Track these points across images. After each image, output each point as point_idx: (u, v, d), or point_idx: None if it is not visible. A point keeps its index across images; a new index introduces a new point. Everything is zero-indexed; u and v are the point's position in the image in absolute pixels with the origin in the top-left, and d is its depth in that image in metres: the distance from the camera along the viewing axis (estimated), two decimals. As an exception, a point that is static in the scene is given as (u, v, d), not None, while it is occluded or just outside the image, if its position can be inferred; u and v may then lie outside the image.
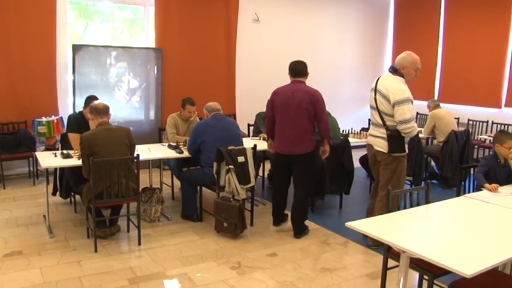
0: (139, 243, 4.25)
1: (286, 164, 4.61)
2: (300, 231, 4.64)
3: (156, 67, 7.31)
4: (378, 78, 4.23)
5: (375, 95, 4.14)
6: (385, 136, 4.08)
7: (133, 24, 7.84)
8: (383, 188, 4.14)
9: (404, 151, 4.14)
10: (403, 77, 4.09)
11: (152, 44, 7.49)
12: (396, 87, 3.99)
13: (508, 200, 3.42)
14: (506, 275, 3.06)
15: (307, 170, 4.58)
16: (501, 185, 3.76)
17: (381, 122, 4.13)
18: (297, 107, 4.42)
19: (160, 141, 6.36)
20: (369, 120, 4.56)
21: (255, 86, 8.24)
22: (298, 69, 4.69)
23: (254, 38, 8.34)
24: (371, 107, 4.28)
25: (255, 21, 8.32)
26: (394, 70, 4.13)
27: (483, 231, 2.79)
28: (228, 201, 4.46)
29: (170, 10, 7.34)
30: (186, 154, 4.92)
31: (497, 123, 8.09)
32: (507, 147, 3.88)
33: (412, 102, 3.98)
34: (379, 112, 4.10)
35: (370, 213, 4.33)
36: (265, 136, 5.82)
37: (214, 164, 4.55)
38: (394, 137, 4.03)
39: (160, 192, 5.04)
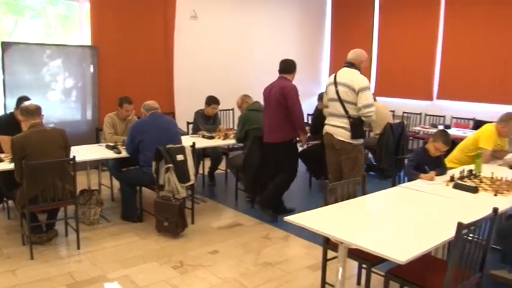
0: (78, 247, 4.15)
1: (268, 151, 5.07)
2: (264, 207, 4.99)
3: (92, 65, 7.12)
4: (335, 74, 4.66)
5: (336, 87, 4.54)
6: (347, 126, 4.51)
7: (67, 20, 7.59)
8: (349, 176, 4.37)
9: (364, 137, 4.72)
10: (359, 70, 4.60)
11: (88, 41, 7.28)
12: (358, 77, 4.51)
13: (439, 189, 3.62)
14: (438, 259, 3.23)
15: (283, 158, 5.02)
16: None
17: (343, 112, 4.52)
18: (272, 100, 4.92)
19: (97, 141, 6.20)
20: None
21: (193, 83, 8.21)
22: (281, 67, 5.12)
23: (192, 35, 8.27)
24: (331, 99, 4.64)
25: (193, 18, 8.26)
26: (351, 64, 4.63)
27: (417, 219, 2.92)
28: (168, 200, 4.43)
29: (105, 6, 7.16)
30: (124, 154, 4.84)
31: (429, 115, 8.48)
32: (436, 147, 4.10)
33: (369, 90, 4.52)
34: (342, 102, 4.50)
35: None
36: (204, 133, 5.87)
37: (153, 163, 4.51)
38: (356, 125, 4.49)
39: (99, 194, 4.94)
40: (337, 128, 4.58)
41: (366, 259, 2.95)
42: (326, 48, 10.64)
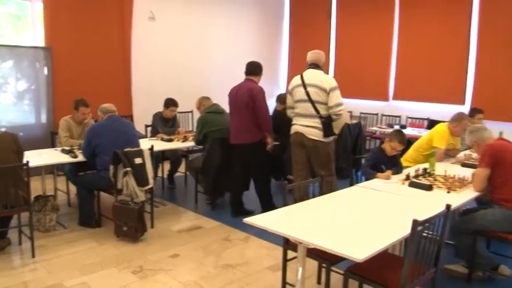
0: (33, 256, 4.01)
1: (238, 153, 5.14)
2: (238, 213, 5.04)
3: (45, 67, 6.94)
4: (301, 76, 4.78)
5: (305, 89, 4.68)
6: (319, 125, 4.68)
7: (18, 20, 7.35)
8: (325, 169, 4.73)
9: (335, 134, 4.84)
10: (322, 70, 4.84)
11: (41, 42, 7.07)
12: (327, 78, 4.75)
13: (395, 187, 3.71)
14: (395, 256, 3.30)
15: (253, 159, 5.09)
16: None
17: (314, 112, 4.68)
18: (239, 102, 4.97)
19: (53, 145, 6.01)
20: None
21: (152, 85, 8.12)
22: (248, 69, 5.19)
23: (150, 36, 8.18)
24: (301, 100, 4.76)
25: (150, 19, 8.16)
26: (316, 66, 4.82)
27: (374, 217, 2.99)
28: (127, 204, 4.37)
29: (59, 6, 6.98)
30: (81, 158, 4.73)
31: (386, 115, 8.68)
32: (392, 146, 4.20)
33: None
34: (313, 103, 4.65)
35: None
36: (163, 136, 5.81)
37: (111, 167, 4.43)
38: (327, 123, 4.68)
39: (54, 200, 4.81)
40: (309, 128, 4.72)
41: (325, 258, 2.98)
42: (284, 50, 10.73)
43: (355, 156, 5.71)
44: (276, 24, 10.55)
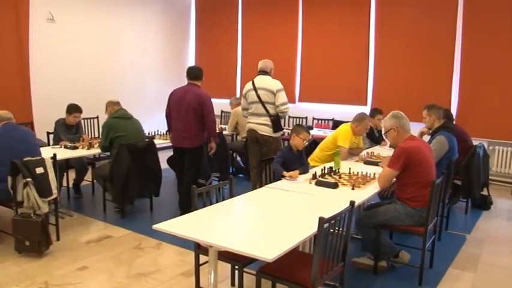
0: None
1: (180, 155, 5.40)
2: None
3: None
4: (253, 81, 5.49)
5: (256, 92, 5.39)
6: (269, 122, 5.37)
7: None
8: None
9: (283, 129, 5.64)
10: (270, 76, 5.55)
11: None
12: (273, 82, 5.43)
13: (303, 187, 3.82)
14: (305, 253, 3.40)
15: (195, 161, 5.32)
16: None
17: (264, 111, 5.37)
18: (187, 107, 5.15)
19: None
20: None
21: (54, 90, 7.71)
22: (192, 73, 5.33)
23: (50, 39, 7.75)
24: (253, 102, 5.45)
25: (49, 21, 7.74)
26: (265, 72, 5.54)
27: (283, 217, 3.05)
28: (29, 217, 4.10)
29: None
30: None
31: (293, 117, 8.90)
32: (302, 138, 4.34)
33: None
34: (263, 104, 5.35)
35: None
36: (67, 144, 5.55)
37: (9, 178, 4.14)
38: (276, 121, 5.40)
39: None
40: (260, 125, 5.42)
41: (237, 260, 3.01)
42: (191, 51, 10.70)
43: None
44: (182, 25, 10.49)
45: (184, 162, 5.36)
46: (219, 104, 7.96)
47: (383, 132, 4.26)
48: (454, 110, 7.42)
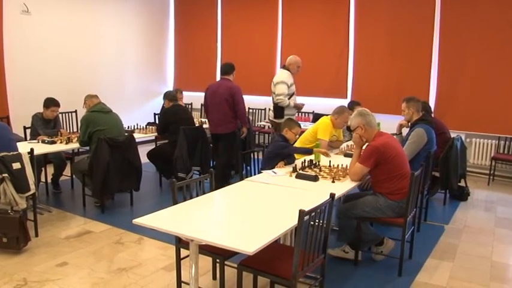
0: None
1: (216, 141, 6.14)
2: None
3: None
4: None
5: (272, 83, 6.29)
6: (272, 109, 6.37)
7: None
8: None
9: (283, 117, 6.00)
10: (288, 70, 6.28)
11: None
12: (279, 74, 6.32)
13: (283, 180, 3.83)
14: (287, 246, 3.42)
15: (228, 145, 6.00)
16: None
17: (272, 100, 6.32)
18: (220, 98, 5.86)
19: None
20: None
21: (31, 84, 7.58)
22: (223, 69, 6.10)
23: (25, 32, 7.60)
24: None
25: (24, 13, 7.57)
26: (284, 66, 6.38)
27: (264, 210, 3.06)
28: (6, 213, 4.04)
29: None
30: None
31: (273, 110, 8.89)
32: (295, 132, 4.41)
33: (286, 84, 6.15)
34: (272, 93, 6.27)
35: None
36: (44, 138, 5.48)
37: (-15, 175, 4.07)
38: (276, 108, 6.27)
39: None
40: (270, 111, 6.49)
41: (218, 254, 3.01)
42: (171, 45, 10.63)
43: (244, 151, 5.83)
44: (161, 22, 10.39)
45: (219, 146, 6.03)
46: (199, 98, 7.91)
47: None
48: (432, 103, 7.52)
